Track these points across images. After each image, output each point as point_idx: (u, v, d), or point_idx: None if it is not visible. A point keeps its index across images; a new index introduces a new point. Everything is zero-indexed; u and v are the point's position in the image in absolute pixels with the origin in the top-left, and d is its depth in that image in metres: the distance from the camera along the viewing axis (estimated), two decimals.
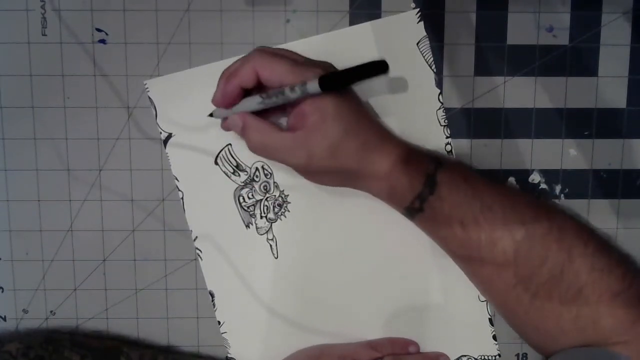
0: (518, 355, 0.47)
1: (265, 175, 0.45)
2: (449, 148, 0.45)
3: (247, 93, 0.39)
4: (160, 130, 0.45)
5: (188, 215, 0.46)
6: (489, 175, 0.42)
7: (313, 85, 0.34)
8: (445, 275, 0.46)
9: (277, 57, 0.38)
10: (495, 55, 0.45)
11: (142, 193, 0.46)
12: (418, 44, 0.44)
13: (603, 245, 0.37)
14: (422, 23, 0.44)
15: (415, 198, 0.38)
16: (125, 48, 0.44)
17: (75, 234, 0.46)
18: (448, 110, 0.45)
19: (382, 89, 0.44)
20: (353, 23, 0.44)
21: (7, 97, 0.45)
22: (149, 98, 0.45)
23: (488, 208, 0.37)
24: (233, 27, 0.44)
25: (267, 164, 0.45)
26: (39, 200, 0.46)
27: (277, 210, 0.46)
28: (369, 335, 0.46)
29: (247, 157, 0.45)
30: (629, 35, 0.44)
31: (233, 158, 0.45)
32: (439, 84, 0.45)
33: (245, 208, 0.46)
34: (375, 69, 0.33)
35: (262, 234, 0.46)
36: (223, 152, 0.45)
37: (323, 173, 0.39)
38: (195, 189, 0.45)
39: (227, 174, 0.45)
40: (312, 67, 0.37)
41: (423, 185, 0.38)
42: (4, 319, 0.47)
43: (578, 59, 0.45)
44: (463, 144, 0.45)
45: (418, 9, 0.44)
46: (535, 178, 0.46)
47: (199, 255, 0.46)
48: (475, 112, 0.45)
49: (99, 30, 0.44)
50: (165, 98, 0.45)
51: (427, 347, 0.46)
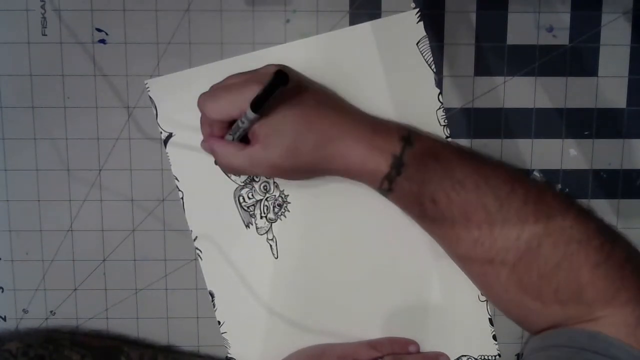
0: (518, 355, 0.47)
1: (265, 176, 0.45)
2: None
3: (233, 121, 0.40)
4: (161, 130, 0.45)
5: (188, 215, 0.46)
6: (465, 150, 0.42)
7: (250, 113, 0.37)
8: (445, 275, 0.46)
9: (215, 96, 0.40)
10: (495, 55, 0.45)
11: (142, 193, 0.46)
12: (418, 44, 0.44)
13: (581, 216, 0.37)
14: (422, 23, 0.44)
15: (384, 179, 0.39)
16: (125, 48, 0.44)
17: (75, 234, 0.46)
18: (448, 110, 0.45)
19: (382, 89, 0.44)
20: (353, 23, 0.44)
21: (7, 97, 0.45)
22: (150, 98, 0.45)
23: (460, 184, 0.37)
24: (233, 27, 0.44)
25: None
26: (39, 200, 0.46)
27: (277, 210, 0.46)
28: (369, 335, 0.46)
29: None
30: (629, 35, 0.44)
31: None
32: (439, 84, 0.45)
33: (245, 208, 0.46)
34: (280, 79, 0.35)
35: (262, 234, 0.46)
36: None
37: (291, 174, 0.41)
38: (195, 189, 0.45)
39: (227, 174, 0.45)
40: (249, 87, 0.38)
41: (390, 167, 0.39)
42: (4, 319, 0.47)
43: (578, 59, 0.45)
44: (463, 144, 0.45)
45: (418, 9, 0.44)
46: (535, 178, 0.46)
47: (199, 255, 0.46)
48: (475, 112, 0.45)
49: (99, 30, 0.44)
50: (166, 98, 0.45)
51: (427, 347, 0.46)
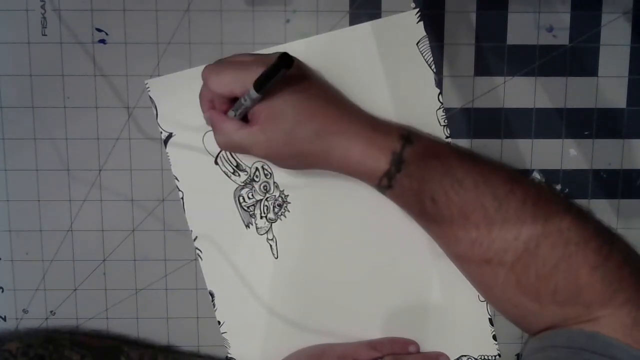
0: (518, 355, 0.47)
1: (265, 175, 0.45)
2: None
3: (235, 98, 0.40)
4: (161, 130, 0.45)
5: (188, 215, 0.46)
6: (464, 150, 0.42)
7: (253, 92, 0.37)
8: (445, 275, 0.46)
9: (221, 70, 0.40)
10: (495, 55, 0.45)
11: (142, 193, 0.46)
12: (418, 44, 0.44)
13: (580, 218, 0.37)
14: (422, 23, 0.44)
15: (383, 176, 0.39)
16: (125, 48, 0.44)
17: (75, 234, 0.46)
18: (448, 110, 0.45)
19: (382, 89, 0.44)
20: (353, 23, 0.44)
21: (7, 97, 0.45)
22: (150, 97, 0.45)
23: (459, 183, 0.37)
24: (233, 27, 0.44)
25: (267, 164, 0.45)
26: (39, 200, 0.46)
27: (277, 210, 0.46)
28: (369, 335, 0.46)
29: (247, 157, 0.45)
30: (629, 35, 0.44)
31: (233, 158, 0.45)
32: (439, 84, 0.45)
33: (245, 208, 0.46)
34: (285, 62, 0.35)
35: (262, 234, 0.46)
36: (223, 152, 0.45)
37: (283, 159, 0.41)
38: (195, 189, 0.45)
39: (227, 174, 0.45)
40: (255, 67, 0.38)
41: (390, 164, 0.38)
42: (4, 319, 0.47)
43: (578, 59, 0.45)
44: (463, 144, 0.45)
45: (418, 9, 0.44)
46: (535, 178, 0.46)
47: (199, 255, 0.46)
48: (475, 112, 0.45)
49: (99, 30, 0.44)
50: (166, 98, 0.45)
51: (427, 347, 0.46)
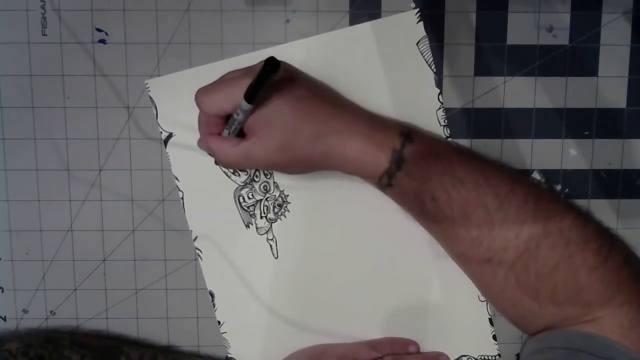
0: (518, 355, 0.47)
1: (265, 175, 0.45)
2: None
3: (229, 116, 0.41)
4: (161, 130, 0.45)
5: (188, 215, 0.46)
6: (465, 149, 0.42)
7: (244, 104, 0.37)
8: (445, 275, 0.46)
9: (210, 90, 0.40)
10: (495, 55, 0.45)
11: (142, 193, 0.46)
12: (418, 44, 0.44)
13: (580, 218, 0.37)
14: (422, 23, 0.44)
15: (383, 174, 0.39)
16: (125, 48, 0.44)
17: (75, 234, 0.46)
18: (448, 110, 0.45)
19: (382, 89, 0.44)
20: (353, 23, 0.44)
21: (7, 97, 0.45)
22: (150, 98, 0.45)
23: (460, 182, 0.37)
24: (233, 27, 0.44)
25: None
26: (39, 200, 0.46)
27: (277, 210, 0.46)
28: (369, 335, 0.46)
29: None
30: (629, 35, 0.44)
31: None
32: (439, 84, 0.45)
33: (245, 208, 0.46)
34: (271, 66, 0.35)
35: (262, 234, 0.46)
36: None
37: (288, 166, 0.41)
38: (195, 189, 0.45)
39: (227, 174, 0.45)
40: (242, 80, 0.38)
41: (390, 162, 0.38)
42: (4, 319, 0.47)
43: (578, 59, 0.45)
44: (463, 144, 0.45)
45: (418, 9, 0.44)
46: (535, 178, 0.46)
47: (199, 255, 0.46)
48: (475, 112, 0.45)
49: (99, 30, 0.44)
50: (166, 98, 0.45)
51: (427, 347, 0.46)
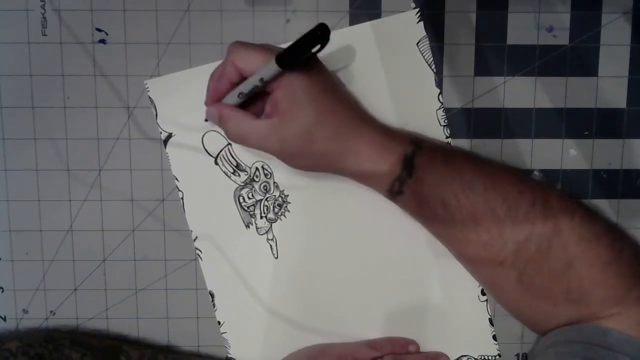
0: (518, 355, 0.47)
1: (265, 175, 0.45)
2: None
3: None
4: (161, 130, 0.45)
5: (188, 215, 0.46)
6: (472, 155, 0.42)
7: (272, 67, 0.34)
8: (445, 275, 0.46)
9: (250, 47, 0.38)
10: (495, 55, 0.45)
11: (142, 193, 0.46)
12: (418, 44, 0.44)
13: (589, 216, 0.37)
14: (422, 23, 0.44)
15: (395, 181, 0.39)
16: (125, 48, 0.44)
17: (75, 234, 0.46)
18: (448, 110, 0.45)
19: (382, 89, 0.44)
20: (353, 23, 0.44)
21: (7, 97, 0.45)
22: (149, 98, 0.45)
23: (469, 186, 0.37)
24: (233, 27, 0.44)
25: (267, 164, 0.45)
26: (39, 200, 0.46)
27: (277, 210, 0.46)
28: (369, 335, 0.46)
29: (247, 157, 0.45)
30: (629, 35, 0.44)
31: (233, 158, 0.45)
32: (439, 84, 0.45)
33: (245, 208, 0.46)
34: (322, 34, 0.33)
35: (262, 234, 0.46)
36: (223, 152, 0.45)
37: (298, 157, 0.39)
38: (195, 189, 0.45)
39: (227, 174, 0.45)
40: (277, 50, 0.37)
41: (401, 169, 0.38)
42: (4, 319, 0.47)
43: (578, 59, 0.45)
44: (463, 144, 0.45)
45: (418, 9, 0.44)
46: (535, 178, 0.46)
47: (199, 255, 0.46)
48: (475, 112, 0.45)
49: (99, 30, 0.44)
50: (166, 98, 0.45)
51: (427, 347, 0.46)
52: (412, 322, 0.46)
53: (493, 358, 0.47)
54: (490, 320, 0.46)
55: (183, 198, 0.46)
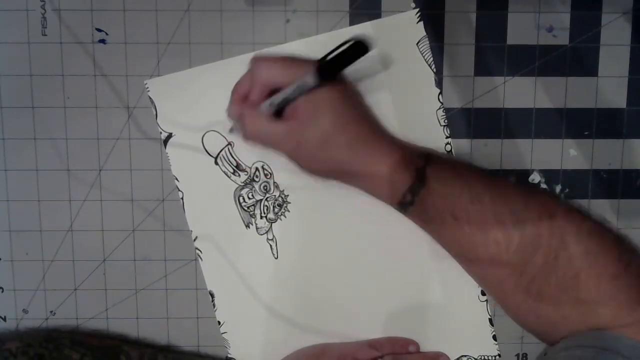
0: (518, 355, 0.47)
1: (265, 176, 0.45)
2: (449, 148, 0.45)
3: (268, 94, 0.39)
4: (161, 130, 0.45)
5: (188, 215, 0.46)
6: (480, 168, 0.42)
7: (310, 79, 0.35)
8: (445, 275, 0.46)
9: (272, 59, 0.38)
10: (495, 55, 0.45)
11: (142, 193, 0.46)
12: (418, 44, 0.44)
13: (596, 228, 0.37)
14: (422, 23, 0.44)
15: (407, 191, 0.39)
16: (125, 48, 0.44)
17: (75, 234, 0.46)
18: (448, 110, 0.45)
19: (382, 89, 0.44)
20: (353, 23, 0.44)
21: (7, 97, 0.45)
22: (149, 98, 0.45)
23: (477, 199, 0.37)
24: (233, 27, 0.44)
25: (267, 164, 0.45)
26: (39, 200, 0.46)
27: (277, 210, 0.46)
28: (369, 335, 0.46)
29: (247, 157, 0.45)
30: (629, 35, 0.44)
31: (233, 158, 0.45)
32: (439, 84, 0.45)
33: (245, 208, 0.46)
34: (362, 47, 0.33)
35: (262, 234, 0.46)
36: (223, 152, 0.45)
37: (312, 160, 0.40)
38: (195, 189, 0.45)
39: (227, 174, 0.45)
40: (305, 65, 0.37)
41: (414, 179, 0.38)
42: (4, 319, 0.47)
43: (578, 59, 0.45)
44: (463, 144, 0.45)
45: (418, 9, 0.44)
46: (535, 178, 0.46)
47: (199, 255, 0.46)
48: (475, 112, 0.45)
49: (99, 30, 0.44)
50: (166, 98, 0.45)
51: (427, 347, 0.46)
52: (412, 322, 0.46)
53: (493, 358, 0.47)
54: (490, 320, 0.46)
55: (183, 198, 0.46)
